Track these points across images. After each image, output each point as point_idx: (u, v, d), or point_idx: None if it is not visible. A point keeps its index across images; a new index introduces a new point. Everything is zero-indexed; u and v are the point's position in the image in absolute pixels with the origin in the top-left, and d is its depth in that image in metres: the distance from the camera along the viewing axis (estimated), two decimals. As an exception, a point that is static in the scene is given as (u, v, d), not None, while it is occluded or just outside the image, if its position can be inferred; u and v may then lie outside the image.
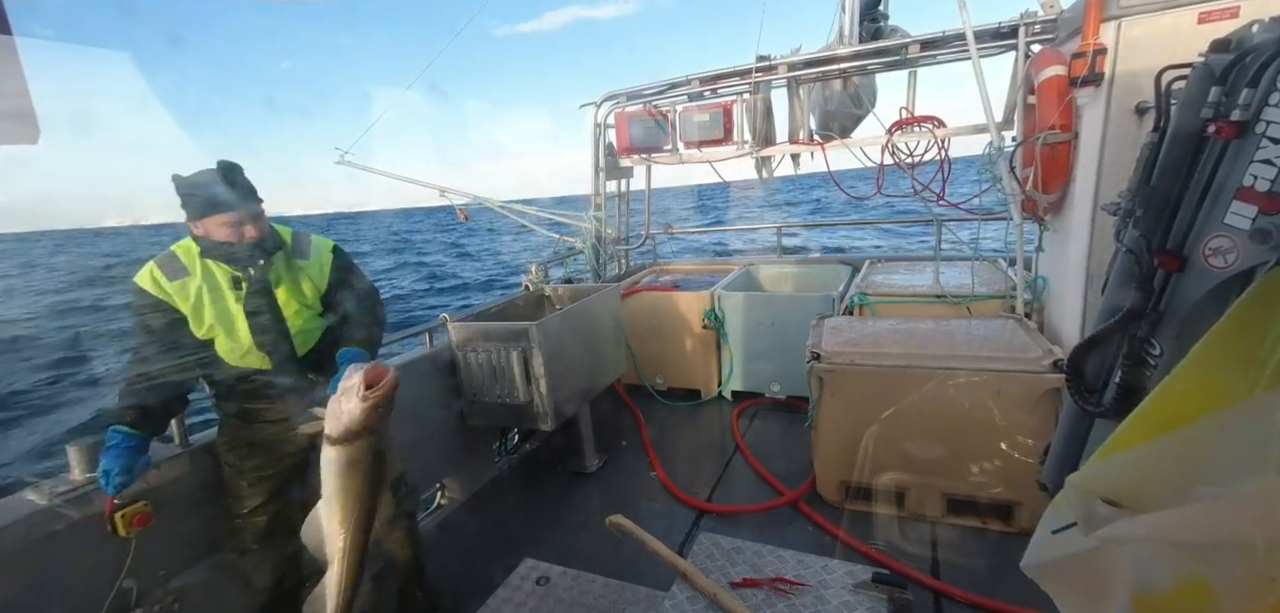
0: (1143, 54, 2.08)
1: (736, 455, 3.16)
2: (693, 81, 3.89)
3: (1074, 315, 2.42)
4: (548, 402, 2.73)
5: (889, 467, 2.43)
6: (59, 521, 1.59)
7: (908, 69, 3.50)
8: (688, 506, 2.75)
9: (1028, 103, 2.63)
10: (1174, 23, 2.02)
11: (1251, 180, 0.87)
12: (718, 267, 4.72)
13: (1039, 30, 2.89)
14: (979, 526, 2.35)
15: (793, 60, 3.57)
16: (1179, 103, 1.03)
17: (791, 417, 3.55)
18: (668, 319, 3.93)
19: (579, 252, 4.34)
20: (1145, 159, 1.08)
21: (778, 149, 3.84)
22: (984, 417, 2.23)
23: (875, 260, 4.06)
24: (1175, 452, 0.76)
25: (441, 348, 2.92)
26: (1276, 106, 0.84)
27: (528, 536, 2.67)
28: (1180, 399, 0.78)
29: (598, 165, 4.27)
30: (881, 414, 2.36)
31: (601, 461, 3.22)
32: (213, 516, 1.89)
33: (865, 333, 2.67)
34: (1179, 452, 0.76)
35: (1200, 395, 0.75)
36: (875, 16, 3.48)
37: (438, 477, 2.97)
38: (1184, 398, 0.77)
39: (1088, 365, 1.18)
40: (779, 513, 2.62)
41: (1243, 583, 0.68)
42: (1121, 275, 1.10)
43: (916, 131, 3.38)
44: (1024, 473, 2.20)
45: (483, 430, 3.15)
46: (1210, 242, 0.92)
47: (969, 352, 2.34)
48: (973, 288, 3.11)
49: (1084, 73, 2.15)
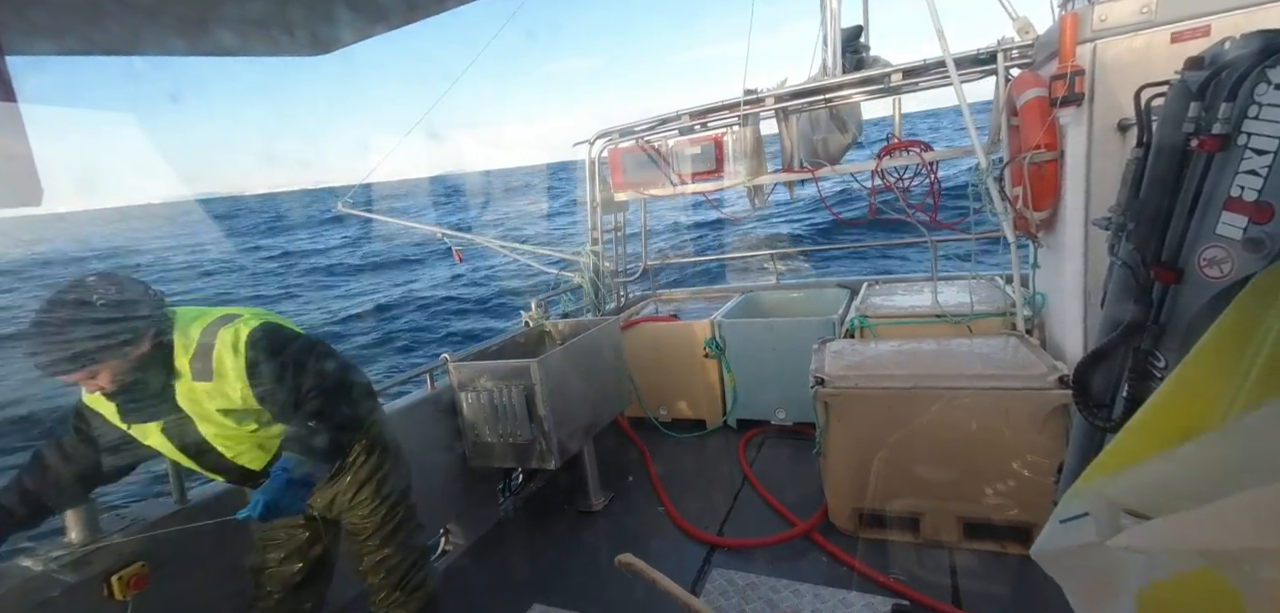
0: (1120, 73, 2.14)
1: (746, 486, 3.11)
2: (683, 116, 3.99)
3: (1075, 330, 2.43)
4: (552, 439, 2.71)
5: (901, 492, 2.39)
6: (54, 586, 1.55)
7: (891, 96, 3.60)
8: (699, 541, 2.69)
9: (1012, 124, 2.70)
10: (1147, 42, 2.09)
11: (1239, 191, 0.89)
12: (717, 294, 4.74)
13: (1017, 55, 2.99)
14: (998, 550, 2.30)
15: (779, 93, 3.67)
16: (1160, 119, 1.06)
17: (799, 443, 3.51)
18: (669, 350, 3.92)
19: (578, 285, 4.36)
20: (1132, 174, 1.11)
21: (768, 179, 3.91)
22: (993, 436, 2.21)
23: (873, 282, 4.09)
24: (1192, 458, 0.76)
25: (443, 390, 2.90)
26: (1255, 119, 0.87)
27: (536, 580, 2.60)
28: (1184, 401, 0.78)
29: (593, 200, 4.33)
30: (890, 438, 2.34)
31: (608, 498, 3.16)
32: (211, 576, 1.85)
33: (868, 355, 2.67)
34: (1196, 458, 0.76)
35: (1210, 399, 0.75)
36: (856, 48, 3.60)
37: (441, 523, 2.91)
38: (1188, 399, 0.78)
39: (1094, 380, 1.18)
40: (793, 545, 2.56)
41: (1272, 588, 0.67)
42: (1119, 289, 1.11)
43: (904, 156, 3.45)
44: (1039, 493, 2.17)
45: (486, 473, 3.10)
46: (1205, 252, 0.94)
47: (974, 370, 2.33)
48: (972, 306, 3.12)
49: (1064, 93, 2.22)
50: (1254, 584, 0.69)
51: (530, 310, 3.73)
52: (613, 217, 4.53)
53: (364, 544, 1.76)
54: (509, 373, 2.74)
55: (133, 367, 1.38)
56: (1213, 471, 0.73)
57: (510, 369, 2.74)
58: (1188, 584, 0.75)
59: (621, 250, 4.67)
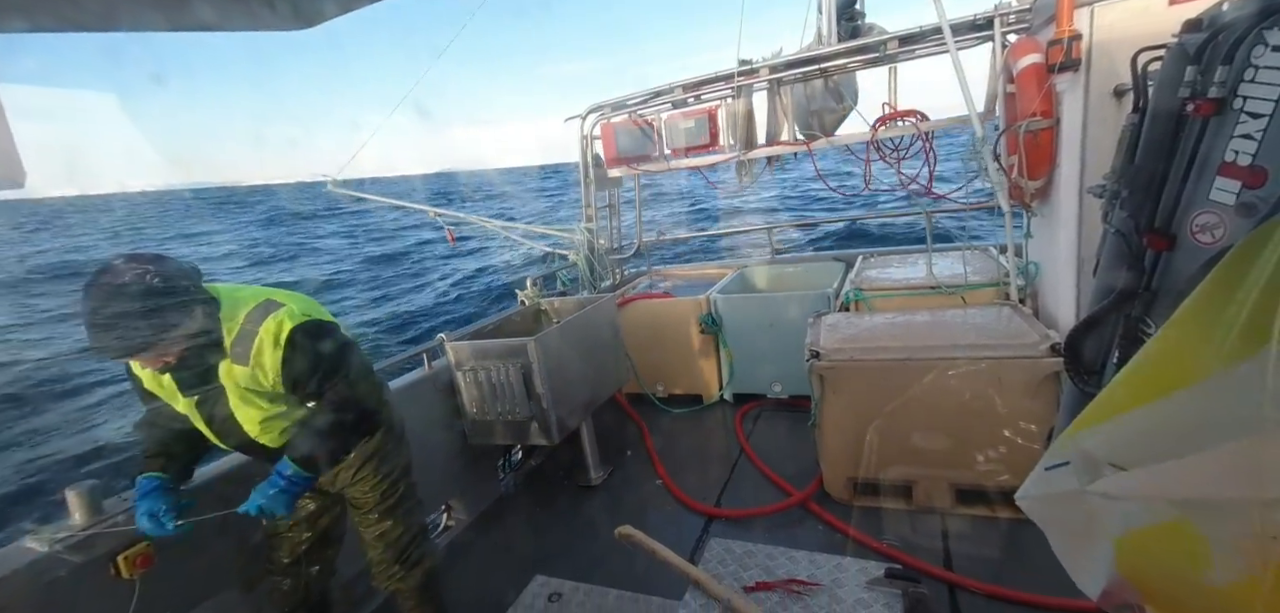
0: (1117, 38, 2.12)
1: (742, 459, 3.16)
2: (676, 89, 3.93)
3: (1068, 299, 2.44)
4: (550, 416, 2.73)
5: (895, 461, 2.43)
6: (61, 566, 1.57)
7: (887, 65, 3.55)
8: (697, 512, 2.74)
9: (1007, 91, 2.67)
10: (1145, 5, 2.07)
11: (1233, 156, 0.89)
12: (712, 271, 4.74)
13: (1014, 20, 2.95)
14: (989, 514, 2.35)
15: (774, 63, 3.62)
16: (1156, 83, 1.05)
17: (795, 416, 3.56)
18: (665, 326, 3.93)
19: (573, 264, 4.34)
20: (1127, 140, 1.10)
21: (764, 151, 3.87)
22: (986, 405, 2.24)
23: (867, 255, 4.09)
24: (1172, 413, 0.79)
25: (441, 370, 2.91)
26: (1251, 82, 0.86)
27: (537, 553, 2.65)
28: (1173, 360, 0.79)
29: (587, 177, 4.29)
30: (884, 408, 2.37)
31: (607, 472, 3.20)
32: (217, 555, 1.87)
33: (863, 328, 2.68)
34: (1175, 412, 0.78)
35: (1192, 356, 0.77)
36: (852, 15, 3.53)
37: (442, 499, 2.95)
38: (1174, 354, 0.79)
39: (1085, 347, 1.19)
40: (789, 514, 2.61)
41: (1238, 544, 0.70)
42: (1112, 257, 1.12)
43: (901, 125, 3.42)
44: (1030, 458, 2.18)
45: (485, 450, 3.13)
46: (1197, 218, 0.94)
47: (967, 341, 2.36)
48: (966, 277, 3.13)
49: (1061, 59, 2.19)
50: (1220, 533, 0.74)
51: (526, 289, 3.73)
52: (606, 193, 4.49)
53: (365, 517, 1.82)
54: (506, 352, 2.75)
55: (192, 343, 1.45)
56: (1189, 425, 0.76)
57: (507, 348, 2.75)
58: (1162, 533, 0.80)
59: (616, 227, 4.65)
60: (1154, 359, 0.82)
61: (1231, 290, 0.72)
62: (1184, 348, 0.78)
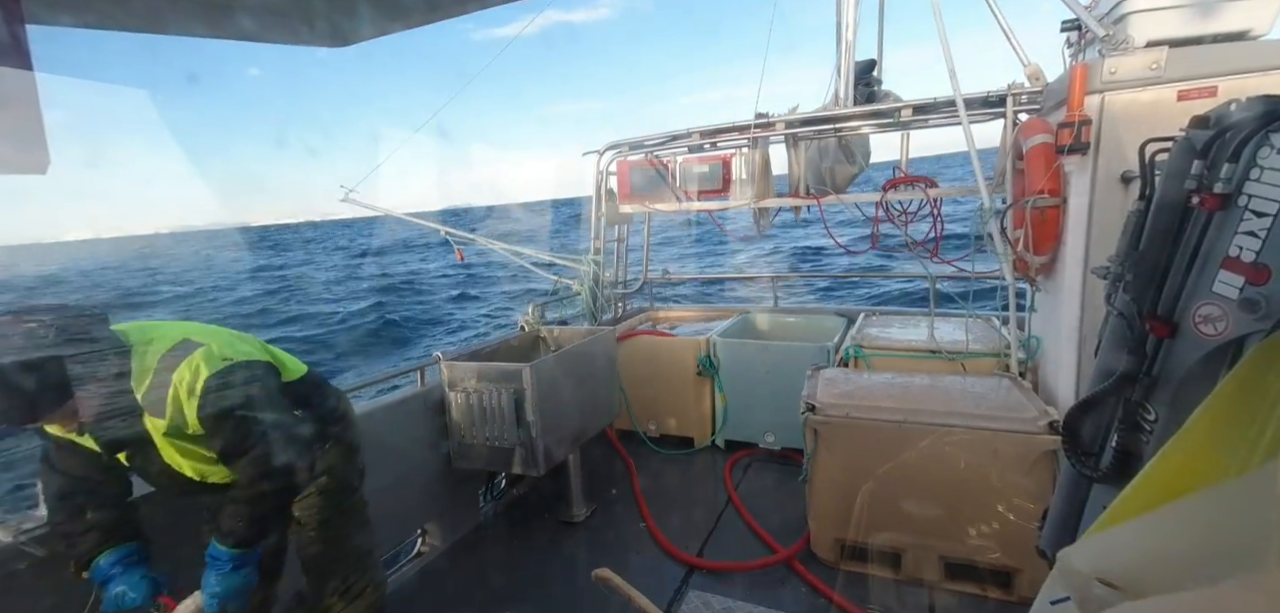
0: (1126, 126, 2.16)
1: (729, 508, 3.08)
2: (694, 134, 4.01)
3: (1068, 377, 2.42)
4: (538, 445, 2.68)
5: (885, 526, 2.36)
6: (21, 559, 1.53)
7: (900, 130, 3.62)
8: (678, 560, 2.65)
9: (1017, 168, 2.71)
10: (1155, 97, 2.11)
11: (1237, 251, 0.88)
12: (714, 313, 4.74)
13: (1026, 100, 3.01)
14: (978, 593, 2.27)
15: (790, 118, 3.70)
16: (1164, 173, 1.06)
17: (785, 469, 3.48)
18: (662, 364, 3.90)
19: (576, 293, 4.35)
20: (1132, 225, 1.10)
21: (774, 203, 3.92)
22: (981, 477, 2.19)
23: (870, 312, 4.09)
24: (1173, 527, 0.75)
25: (432, 387, 2.87)
26: (1257, 182, 0.87)
27: (510, 588, 2.56)
28: (1178, 470, 0.77)
29: (599, 210, 4.34)
30: (877, 470, 2.31)
31: (590, 509, 3.12)
32: (180, 558, 1.81)
33: (860, 385, 2.65)
34: (1177, 527, 0.74)
35: (1198, 466, 0.74)
36: (869, 81, 3.63)
37: (419, 522, 2.87)
38: (1182, 469, 0.76)
39: (1083, 428, 1.17)
40: (772, 572, 2.53)
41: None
42: (1114, 339, 1.10)
43: (909, 191, 3.47)
44: (1023, 538, 2.14)
45: (469, 475, 3.06)
46: (1200, 309, 0.93)
47: (965, 409, 2.32)
48: (967, 345, 3.11)
49: (1071, 141, 2.23)
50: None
51: (526, 314, 3.72)
52: (616, 229, 4.53)
53: (302, 535, 1.72)
54: (500, 376, 2.72)
55: (103, 398, 1.28)
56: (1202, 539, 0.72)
57: (502, 372, 2.72)
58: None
59: (623, 262, 4.67)
60: (1158, 471, 0.78)
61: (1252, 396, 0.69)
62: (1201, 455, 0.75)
